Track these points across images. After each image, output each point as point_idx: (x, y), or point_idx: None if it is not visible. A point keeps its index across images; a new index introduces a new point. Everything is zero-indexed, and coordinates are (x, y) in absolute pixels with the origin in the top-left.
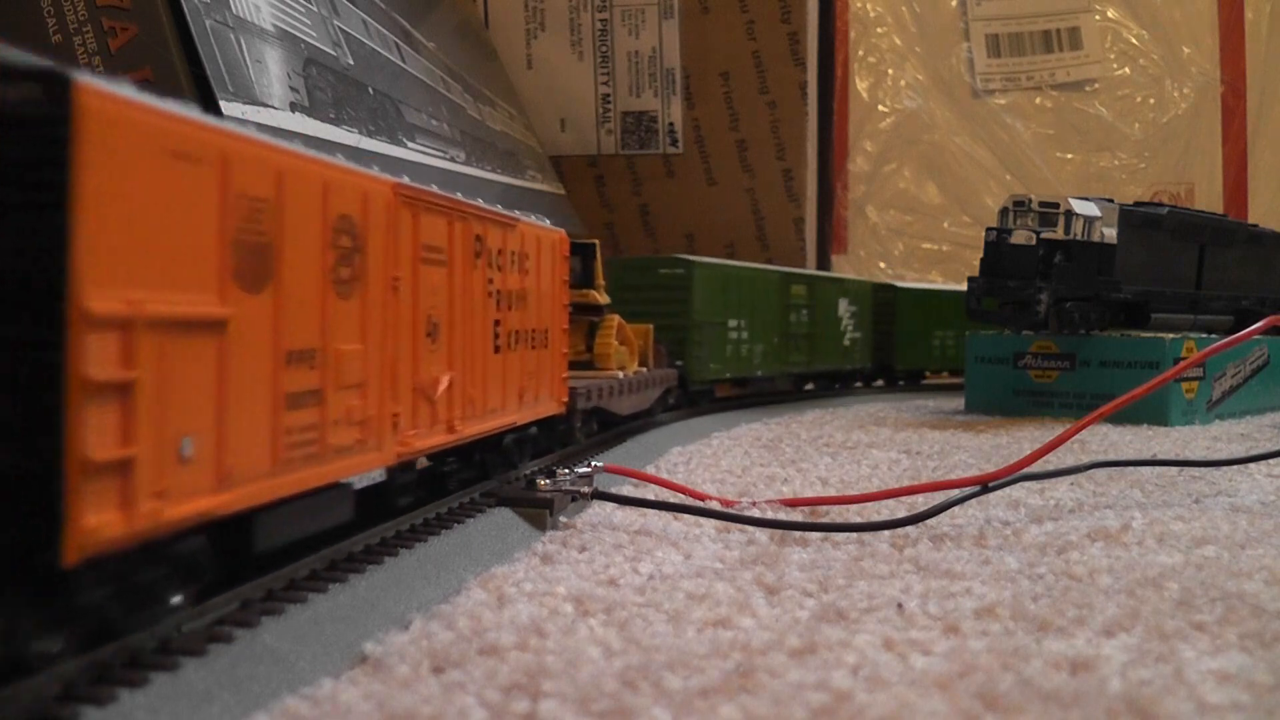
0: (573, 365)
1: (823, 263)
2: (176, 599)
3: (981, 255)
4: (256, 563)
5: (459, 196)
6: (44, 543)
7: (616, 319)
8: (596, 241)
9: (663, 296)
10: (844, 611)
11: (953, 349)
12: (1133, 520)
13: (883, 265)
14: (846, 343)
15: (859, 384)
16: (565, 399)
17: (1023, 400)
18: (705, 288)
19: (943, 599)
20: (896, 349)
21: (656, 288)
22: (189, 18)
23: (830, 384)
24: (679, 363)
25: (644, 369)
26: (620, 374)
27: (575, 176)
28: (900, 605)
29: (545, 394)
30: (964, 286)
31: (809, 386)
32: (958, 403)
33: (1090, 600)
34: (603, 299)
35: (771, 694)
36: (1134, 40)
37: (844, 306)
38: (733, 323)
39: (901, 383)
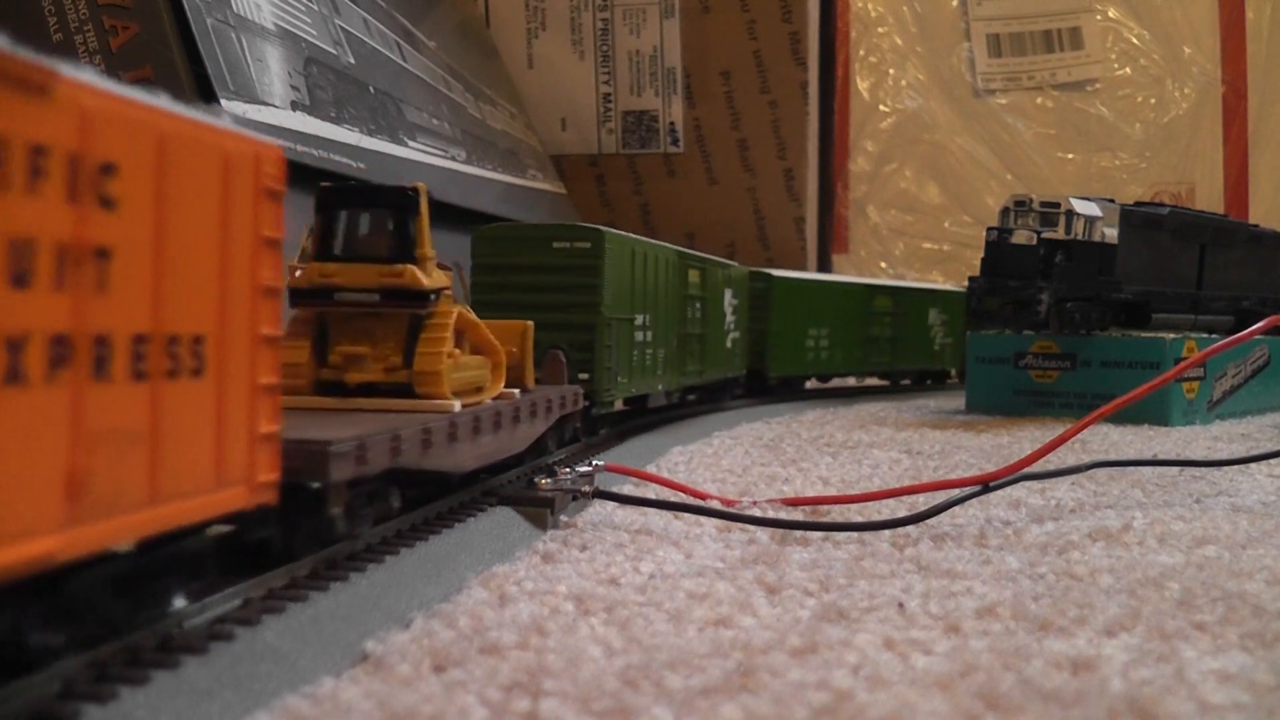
0: (387, 390)
1: (824, 263)
2: None
3: (982, 255)
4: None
5: None
6: None
7: (457, 312)
8: (420, 187)
9: (559, 283)
10: (845, 611)
11: (828, 352)
12: (1134, 520)
13: (884, 265)
14: (729, 344)
15: (737, 395)
16: (273, 473)
17: (1023, 400)
18: (616, 269)
19: (944, 598)
20: (771, 352)
21: (551, 270)
22: (190, 16)
23: (714, 397)
24: (584, 376)
25: (517, 390)
26: (457, 404)
27: (576, 176)
28: (901, 605)
29: (198, 471)
30: (837, 276)
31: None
32: (958, 402)
33: (1091, 600)
34: (432, 279)
35: (773, 693)
36: (1135, 40)
37: (728, 299)
38: (638, 319)
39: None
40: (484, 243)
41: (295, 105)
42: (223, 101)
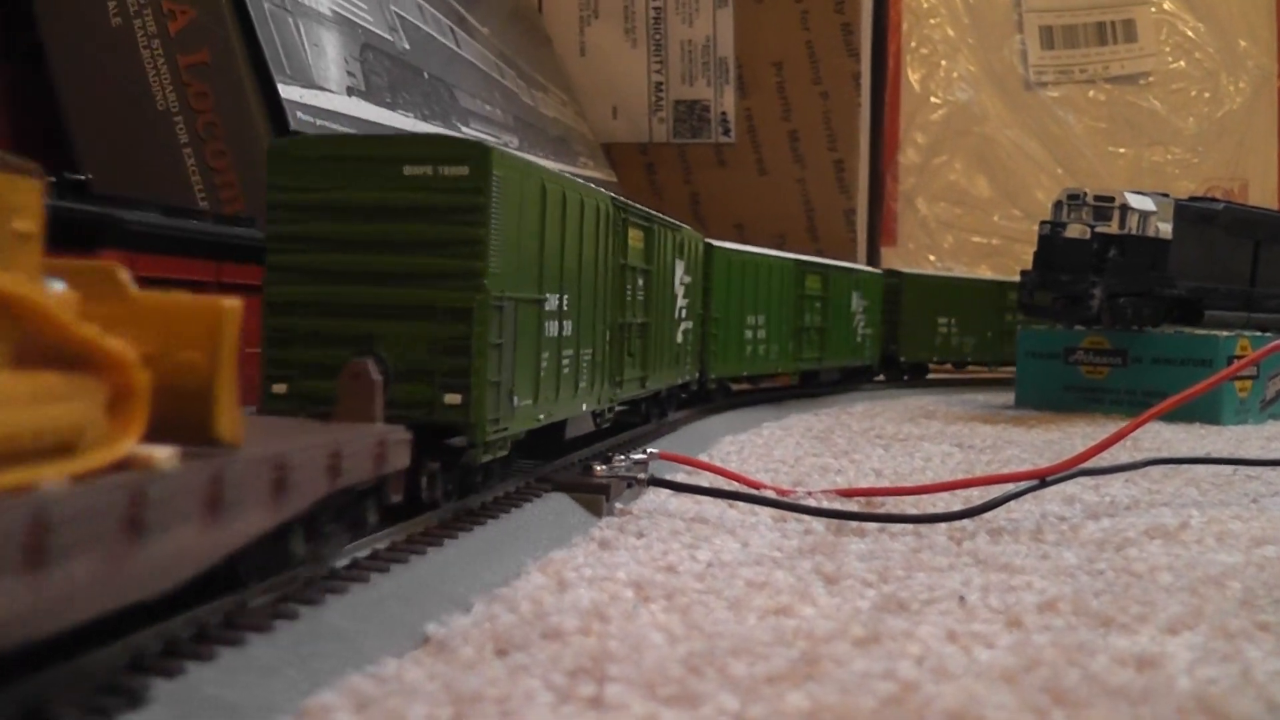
0: None
1: (872, 255)
2: None
3: (1034, 249)
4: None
5: None
6: None
7: None
8: None
9: (411, 235)
10: (905, 603)
11: (778, 351)
12: (1190, 518)
13: (932, 258)
14: (679, 339)
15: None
16: None
17: (1073, 396)
18: (512, 216)
19: (1003, 592)
20: (715, 351)
21: (397, 214)
22: (248, 1)
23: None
24: (453, 400)
25: (172, 451)
26: None
27: (626, 164)
28: (961, 598)
29: None
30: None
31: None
32: (1007, 398)
33: (1152, 597)
34: None
35: (838, 682)
36: (1189, 33)
37: (680, 274)
38: (549, 300)
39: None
40: (285, 165)
41: (351, 91)
42: (280, 86)
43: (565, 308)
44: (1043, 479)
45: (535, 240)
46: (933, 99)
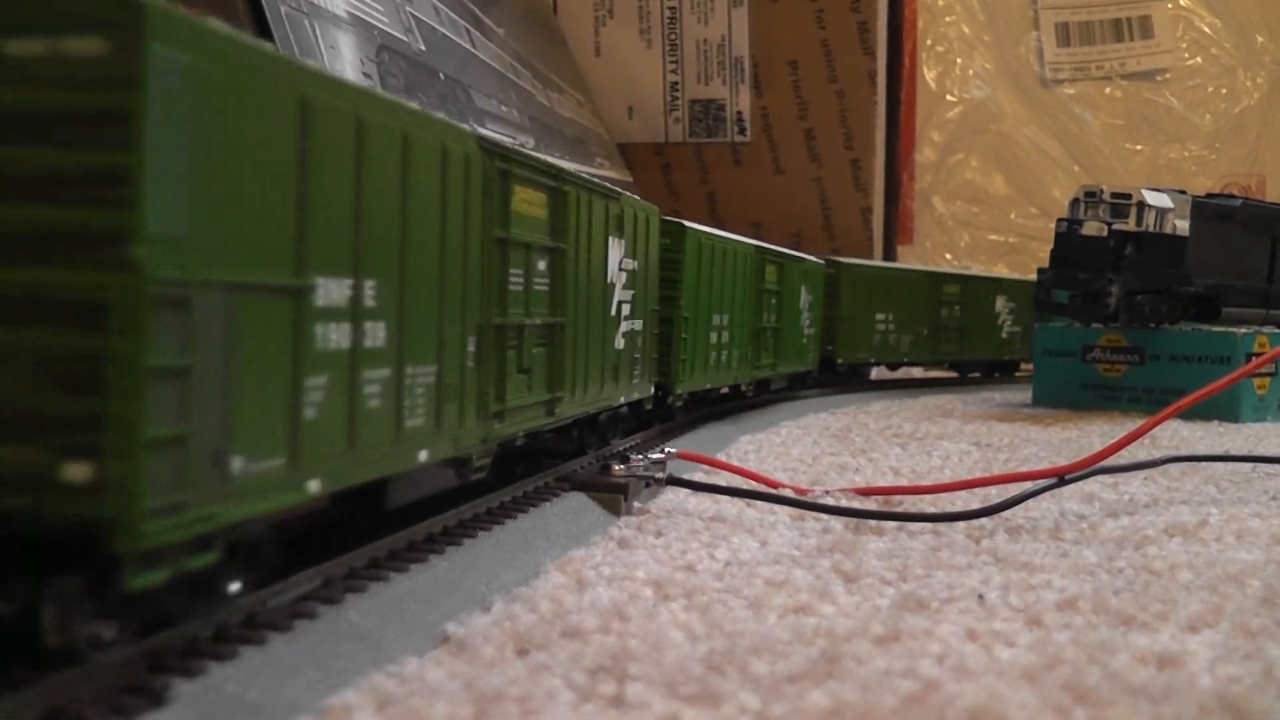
0: None
1: (889, 253)
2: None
3: (1051, 246)
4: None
5: None
6: None
7: None
8: None
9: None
10: (924, 601)
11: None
12: (1210, 516)
13: (949, 256)
14: (619, 344)
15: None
16: None
17: (1090, 394)
18: (204, 128)
19: (1023, 591)
20: (684, 359)
21: None
22: (264, 3)
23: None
24: (82, 473)
25: None
26: None
27: (642, 164)
28: (981, 596)
29: None
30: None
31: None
32: (1024, 396)
33: (1172, 595)
34: None
35: (859, 681)
36: (1206, 29)
37: (615, 259)
38: (332, 292)
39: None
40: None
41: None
42: None
43: (369, 301)
44: (1061, 477)
45: (288, 185)
46: (949, 97)
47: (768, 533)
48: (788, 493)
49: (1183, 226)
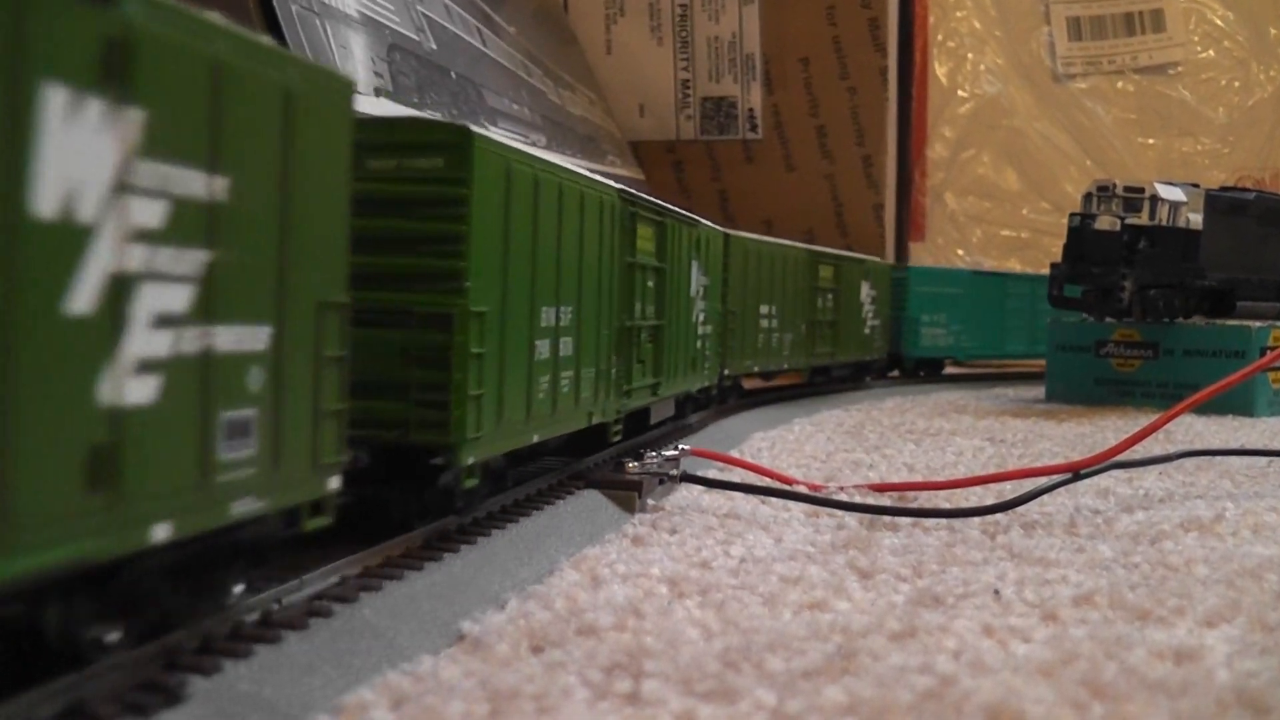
0: None
1: (901, 250)
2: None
3: (1064, 241)
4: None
5: None
6: None
7: None
8: None
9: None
10: (940, 597)
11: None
12: (1226, 511)
13: (960, 252)
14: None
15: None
16: None
17: (1104, 389)
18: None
19: (1039, 586)
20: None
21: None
22: (275, 3)
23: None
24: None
25: None
26: None
27: (654, 162)
28: (997, 592)
29: None
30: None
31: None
32: (1038, 391)
33: (1189, 590)
34: None
35: (875, 677)
36: (1219, 22)
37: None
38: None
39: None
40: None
41: (378, 91)
42: None
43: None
44: (1076, 472)
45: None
46: (960, 92)
47: (782, 529)
48: (802, 489)
49: (1196, 220)
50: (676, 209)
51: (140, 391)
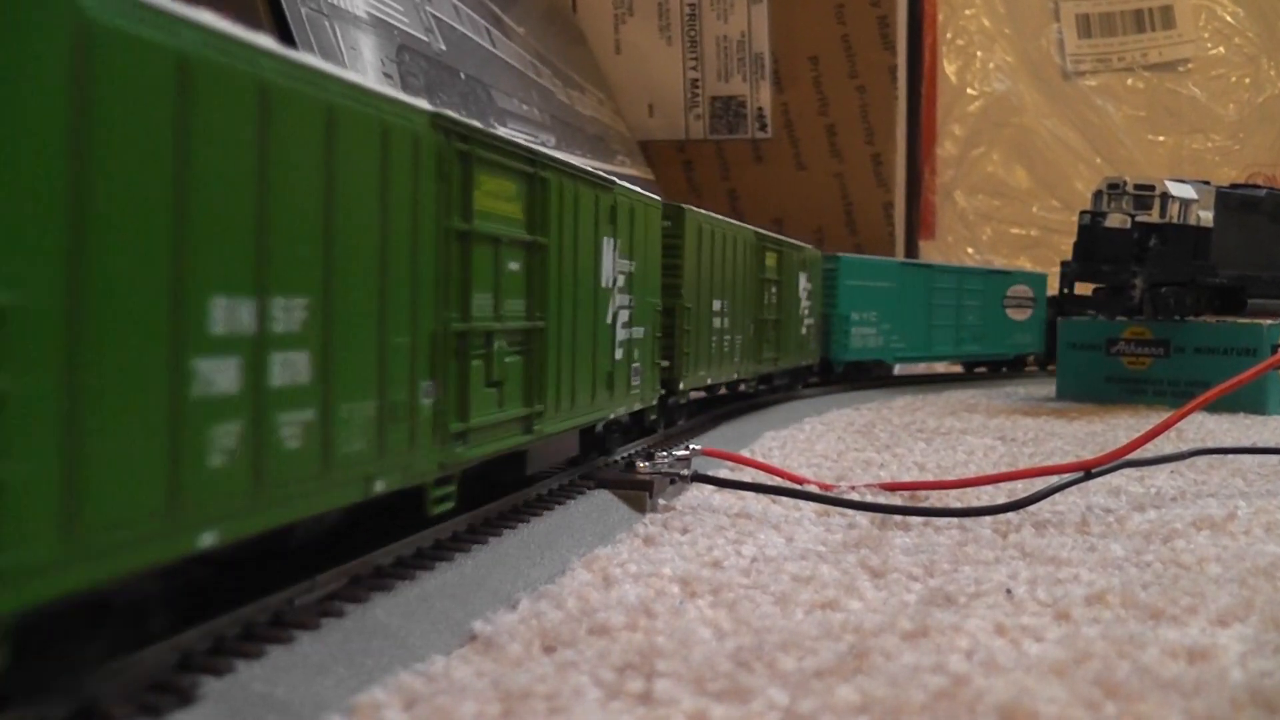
0: None
1: (911, 248)
2: None
3: (1074, 239)
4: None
5: None
6: None
7: None
8: None
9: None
10: (952, 596)
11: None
12: (1238, 509)
13: (970, 250)
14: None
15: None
16: None
17: (1115, 387)
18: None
19: (1051, 585)
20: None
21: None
22: (284, 5)
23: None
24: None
25: None
26: None
27: (663, 161)
28: (1009, 591)
29: None
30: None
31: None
32: (1048, 389)
33: (1201, 589)
34: None
35: (887, 676)
36: (1229, 18)
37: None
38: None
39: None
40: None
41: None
42: None
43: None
44: (1087, 471)
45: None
46: (970, 90)
47: (793, 529)
48: (813, 488)
49: (1207, 217)
50: (573, 164)
51: None
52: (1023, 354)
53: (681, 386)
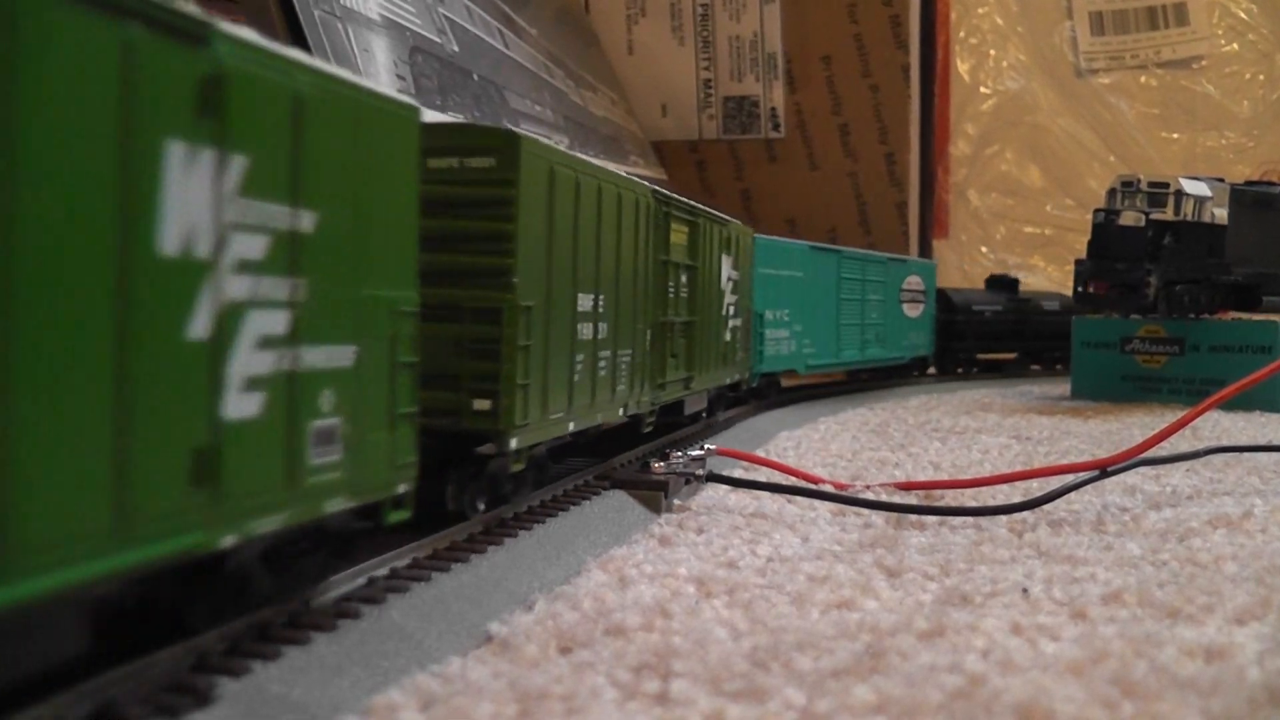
0: None
1: (924, 248)
2: None
3: (1088, 237)
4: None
5: None
6: None
7: None
8: None
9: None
10: (968, 595)
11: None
12: (1254, 507)
13: (984, 249)
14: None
15: None
16: None
17: (1130, 386)
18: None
19: (1067, 584)
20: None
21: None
22: (297, 7)
23: None
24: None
25: None
26: None
27: (677, 162)
28: (1025, 590)
29: None
30: None
31: None
32: (1063, 388)
33: (1218, 588)
34: None
35: (904, 676)
36: (1242, 14)
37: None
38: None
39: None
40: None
41: (401, 94)
42: None
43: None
44: (1103, 470)
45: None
46: (983, 89)
47: (809, 528)
48: (828, 488)
49: (1221, 215)
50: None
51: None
52: (917, 357)
53: (513, 444)
